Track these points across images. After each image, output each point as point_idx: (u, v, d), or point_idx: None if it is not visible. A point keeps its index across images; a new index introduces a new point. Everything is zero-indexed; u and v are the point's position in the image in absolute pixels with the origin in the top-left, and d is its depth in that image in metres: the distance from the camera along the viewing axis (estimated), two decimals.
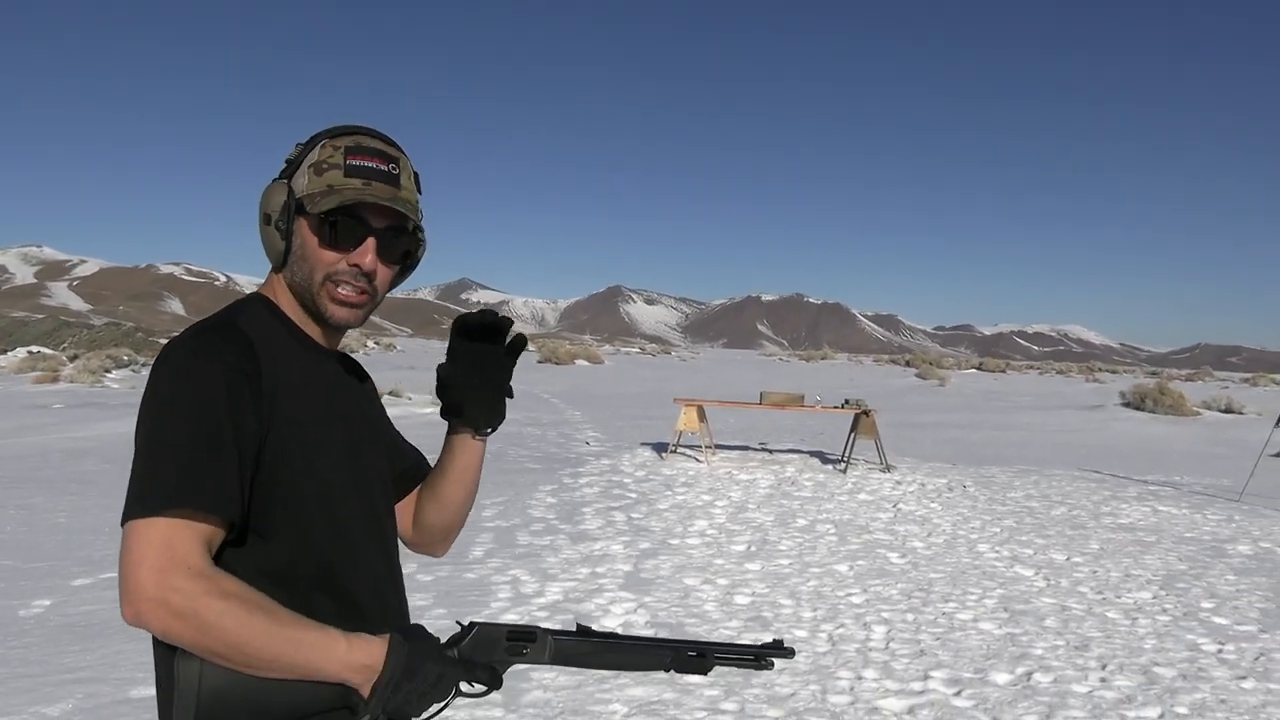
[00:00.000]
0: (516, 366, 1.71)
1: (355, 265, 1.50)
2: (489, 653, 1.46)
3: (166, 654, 1.35)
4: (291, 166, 1.53)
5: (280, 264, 1.54)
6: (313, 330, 1.56)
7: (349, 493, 1.52)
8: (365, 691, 1.36)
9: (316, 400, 1.50)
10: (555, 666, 1.50)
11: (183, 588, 1.26)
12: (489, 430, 1.73)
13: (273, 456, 1.41)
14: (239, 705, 1.32)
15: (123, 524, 1.30)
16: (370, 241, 1.51)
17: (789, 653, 1.55)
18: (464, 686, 1.44)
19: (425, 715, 1.42)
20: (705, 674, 1.52)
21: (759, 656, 1.53)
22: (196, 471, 1.31)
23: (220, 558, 1.35)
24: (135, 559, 1.26)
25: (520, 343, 1.70)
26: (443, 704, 1.43)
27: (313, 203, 1.49)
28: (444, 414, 1.71)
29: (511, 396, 1.72)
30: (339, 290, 1.51)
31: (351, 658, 1.35)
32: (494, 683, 1.44)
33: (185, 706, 1.31)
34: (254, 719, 1.33)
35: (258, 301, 1.54)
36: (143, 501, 1.29)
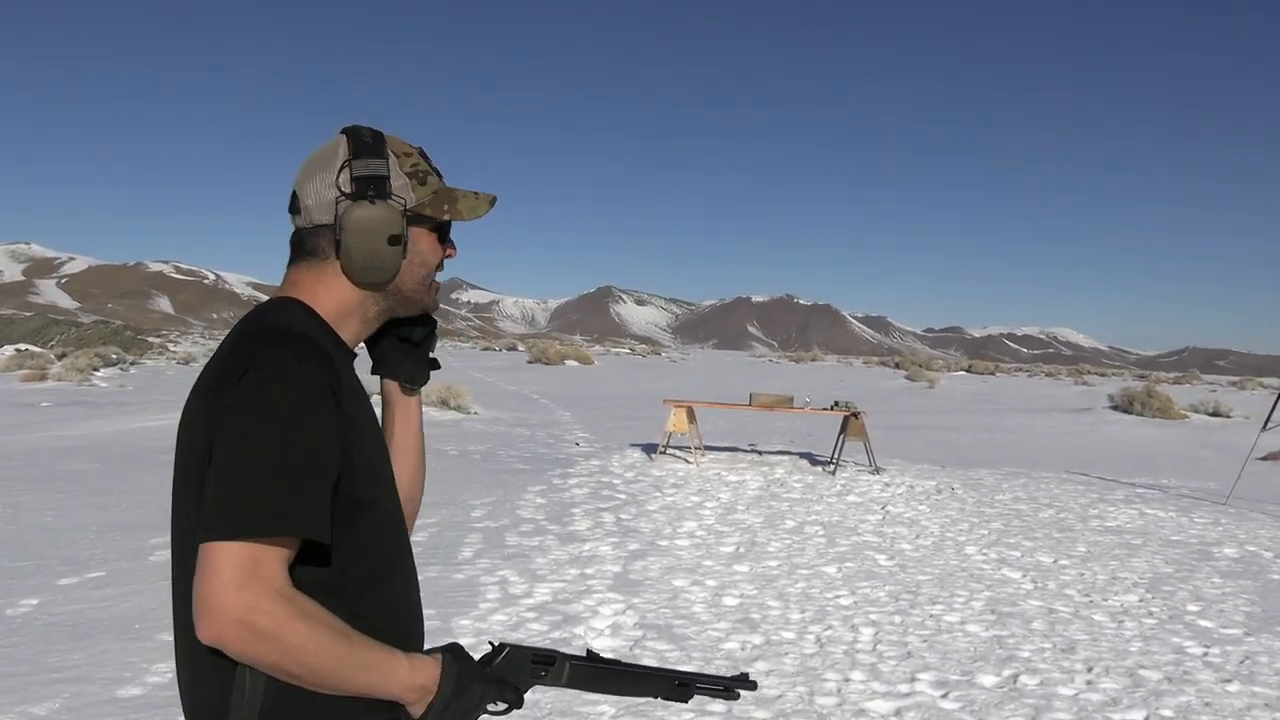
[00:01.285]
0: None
1: (449, 256, 1.64)
2: (516, 674, 1.51)
3: (222, 669, 1.33)
4: (377, 183, 1.51)
5: (390, 279, 1.55)
6: (346, 335, 1.56)
7: (389, 499, 1.55)
8: (419, 710, 1.41)
9: (365, 408, 1.52)
10: (566, 689, 1.57)
11: (270, 611, 1.26)
12: (416, 385, 1.74)
13: (345, 469, 1.41)
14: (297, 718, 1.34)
15: (207, 539, 1.27)
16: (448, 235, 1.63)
17: (752, 685, 1.66)
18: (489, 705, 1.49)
19: None
20: (686, 702, 1.64)
21: (728, 688, 1.65)
22: (295, 493, 1.31)
23: None
24: (223, 579, 1.25)
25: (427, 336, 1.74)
26: None
27: (437, 209, 1.57)
28: (374, 370, 1.74)
29: (437, 367, 1.79)
30: (435, 281, 1.63)
31: (412, 679, 1.40)
32: (518, 703, 1.49)
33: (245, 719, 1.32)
34: None
35: (298, 306, 1.51)
36: (235, 521, 1.27)
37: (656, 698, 1.60)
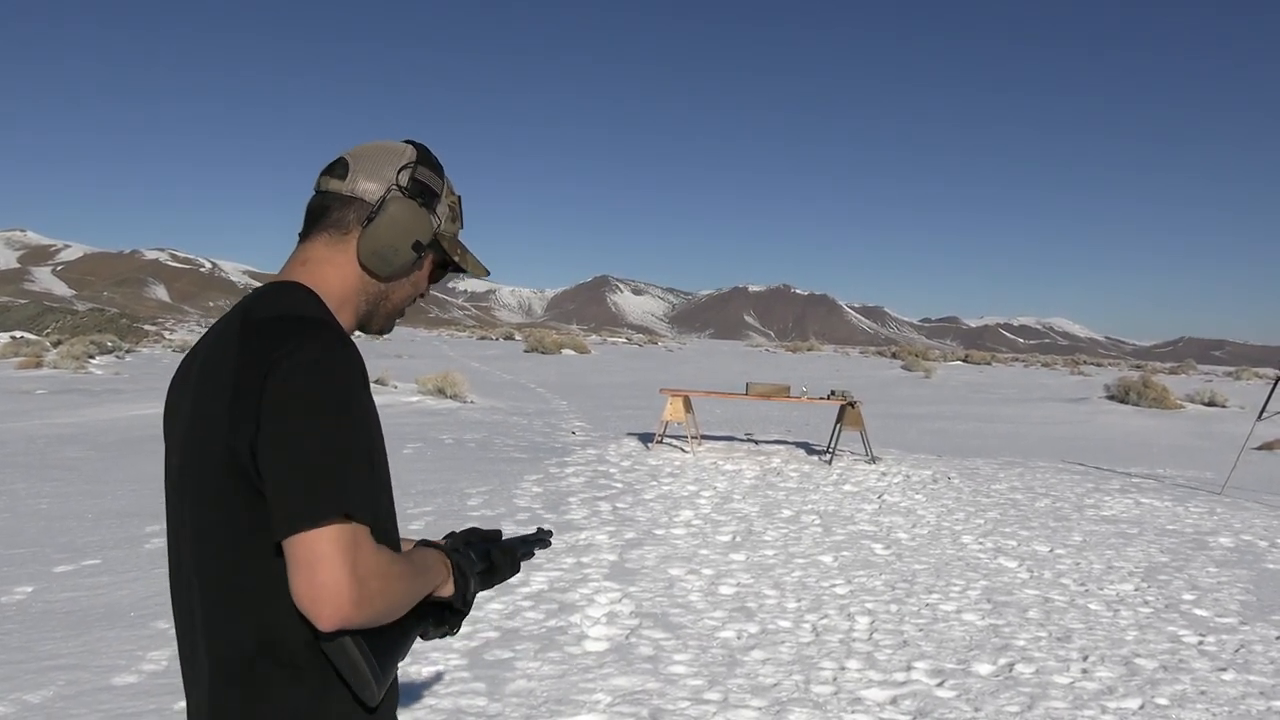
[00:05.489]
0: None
1: (422, 295, 1.69)
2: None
3: (306, 655, 1.39)
4: (429, 195, 1.60)
5: (389, 276, 1.60)
6: (343, 323, 1.57)
7: (389, 495, 1.61)
8: (450, 589, 1.55)
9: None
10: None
11: (376, 572, 1.33)
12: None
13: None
14: (390, 653, 1.43)
15: (303, 529, 1.29)
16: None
17: (550, 532, 1.95)
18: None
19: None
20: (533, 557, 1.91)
21: (540, 539, 1.90)
22: (365, 478, 1.37)
23: None
24: (335, 564, 1.29)
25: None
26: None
27: (453, 249, 1.64)
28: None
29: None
30: (399, 314, 1.67)
31: (443, 564, 1.54)
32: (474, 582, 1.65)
33: (361, 680, 1.38)
34: (396, 656, 1.45)
35: (304, 291, 1.52)
36: (329, 504, 1.30)
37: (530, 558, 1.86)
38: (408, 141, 1.62)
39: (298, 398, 1.33)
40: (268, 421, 1.33)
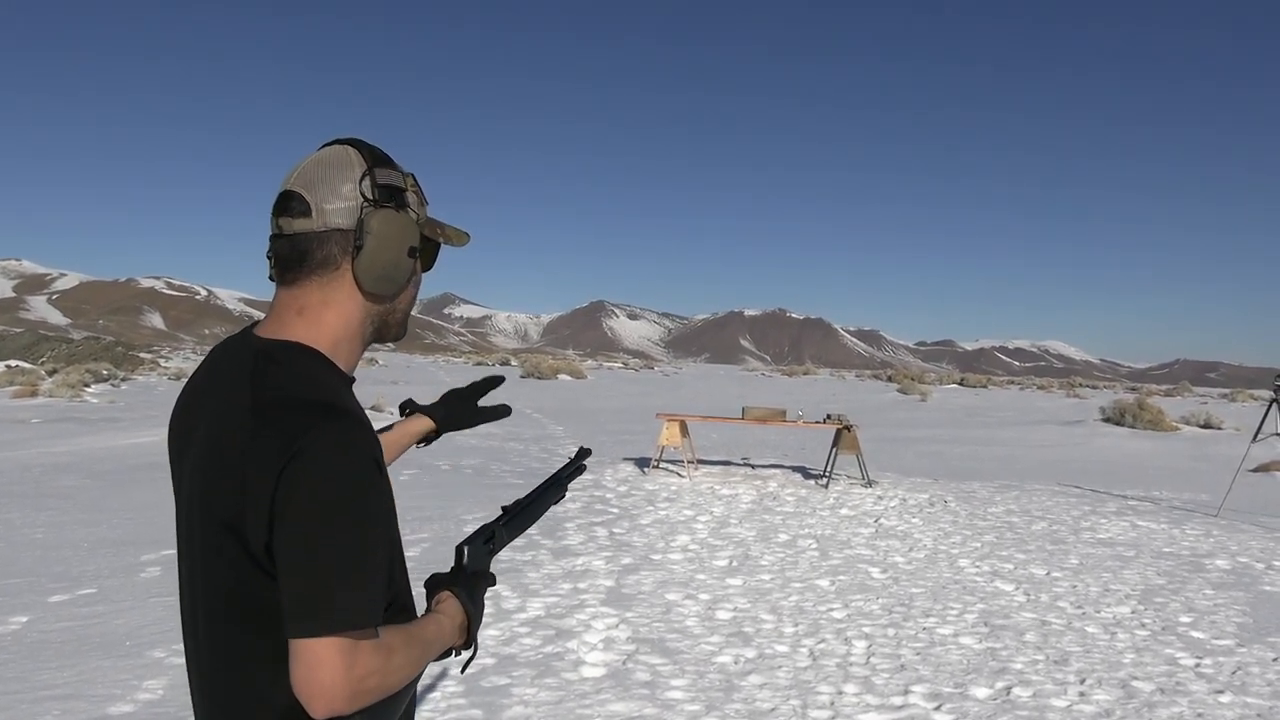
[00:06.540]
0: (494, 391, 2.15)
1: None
2: (483, 562, 1.71)
3: None
4: (398, 194, 1.51)
5: (398, 292, 1.55)
6: (346, 362, 1.51)
7: (404, 569, 1.61)
8: (464, 638, 1.57)
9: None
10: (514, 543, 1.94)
11: (375, 669, 1.33)
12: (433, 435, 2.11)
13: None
14: (392, 708, 1.45)
15: (307, 635, 1.29)
16: None
17: (588, 451, 2.18)
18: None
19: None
20: (565, 495, 2.07)
21: (578, 467, 2.13)
22: (376, 583, 1.36)
23: None
24: (333, 667, 1.28)
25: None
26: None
27: (433, 231, 1.58)
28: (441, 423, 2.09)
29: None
30: (408, 315, 1.64)
31: (453, 626, 1.54)
32: (493, 580, 1.71)
33: None
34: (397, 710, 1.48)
35: (310, 356, 1.45)
36: (333, 615, 1.29)
37: (561, 500, 1.99)
38: (338, 143, 1.52)
39: (313, 499, 1.30)
40: (281, 521, 1.30)
